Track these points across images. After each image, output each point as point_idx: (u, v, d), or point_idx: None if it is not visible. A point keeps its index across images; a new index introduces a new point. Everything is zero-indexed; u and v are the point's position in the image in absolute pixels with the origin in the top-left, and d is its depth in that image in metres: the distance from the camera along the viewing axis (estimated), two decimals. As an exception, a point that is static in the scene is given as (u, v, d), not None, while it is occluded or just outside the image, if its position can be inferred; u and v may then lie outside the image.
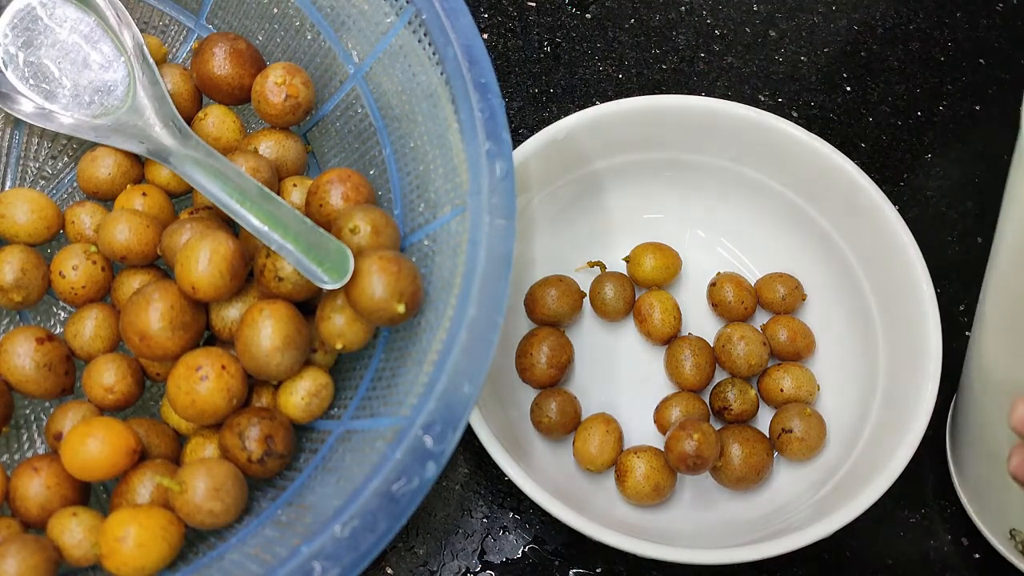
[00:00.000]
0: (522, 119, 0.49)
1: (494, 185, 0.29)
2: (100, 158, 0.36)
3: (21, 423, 0.34)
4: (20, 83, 0.37)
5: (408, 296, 0.29)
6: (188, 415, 0.30)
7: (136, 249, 0.33)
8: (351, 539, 0.25)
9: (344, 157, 0.38)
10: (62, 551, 0.29)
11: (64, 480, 0.30)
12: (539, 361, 0.38)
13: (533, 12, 0.52)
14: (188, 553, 0.30)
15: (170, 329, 0.30)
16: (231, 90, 0.37)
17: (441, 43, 0.32)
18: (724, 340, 0.39)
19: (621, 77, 0.50)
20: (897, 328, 0.37)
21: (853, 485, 0.34)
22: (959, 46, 0.51)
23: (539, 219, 0.41)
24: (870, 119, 0.49)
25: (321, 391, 0.32)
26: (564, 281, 0.40)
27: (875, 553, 0.39)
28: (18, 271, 0.33)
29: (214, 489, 0.29)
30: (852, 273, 0.40)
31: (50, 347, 0.32)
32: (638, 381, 0.40)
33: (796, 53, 0.51)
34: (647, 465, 0.36)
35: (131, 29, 0.38)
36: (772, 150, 0.40)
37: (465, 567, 0.38)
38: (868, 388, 0.38)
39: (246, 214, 0.31)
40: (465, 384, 0.27)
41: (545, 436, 0.39)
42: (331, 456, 0.31)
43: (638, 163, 0.42)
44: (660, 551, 0.32)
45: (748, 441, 0.37)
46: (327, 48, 0.37)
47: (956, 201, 0.47)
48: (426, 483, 0.26)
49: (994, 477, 0.35)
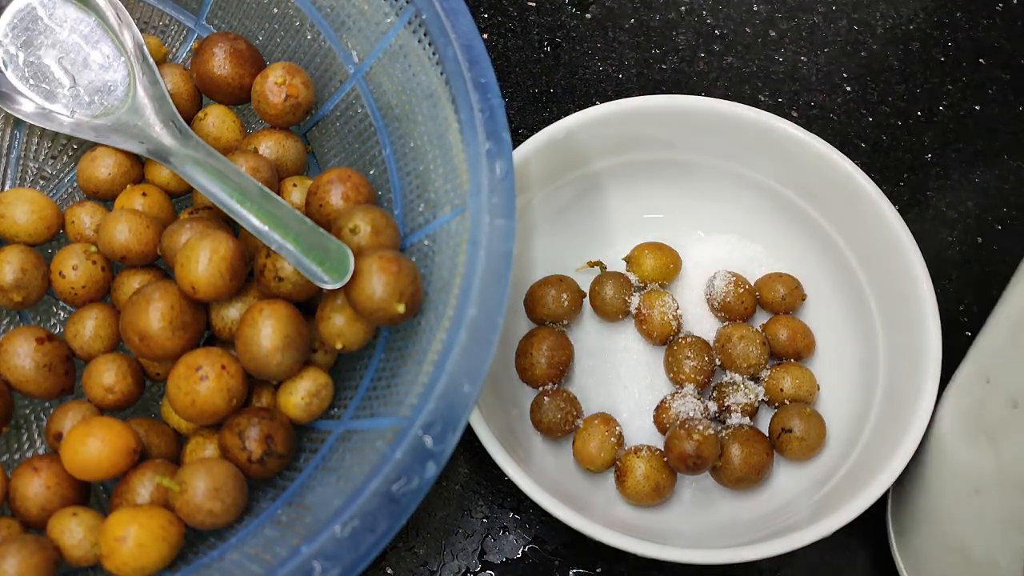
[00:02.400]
0: (522, 119, 0.49)
1: (494, 185, 0.29)
2: (100, 158, 0.36)
3: (21, 423, 0.34)
4: (20, 83, 0.37)
5: (408, 296, 0.29)
6: (188, 415, 0.30)
7: (136, 249, 0.33)
8: (351, 539, 0.25)
9: (344, 157, 0.38)
10: (62, 551, 0.29)
11: (64, 480, 0.30)
12: (539, 361, 0.38)
13: (533, 12, 0.52)
14: (188, 553, 0.30)
15: (170, 329, 0.30)
16: (231, 90, 0.37)
17: (441, 43, 0.32)
18: (724, 340, 0.39)
19: (621, 77, 0.50)
20: (897, 328, 0.37)
21: (853, 485, 0.34)
22: (959, 46, 0.51)
23: (539, 219, 0.41)
24: (870, 119, 0.49)
25: (321, 391, 0.32)
26: (564, 281, 0.40)
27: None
28: (18, 271, 0.33)
29: (214, 489, 0.29)
30: (852, 273, 0.40)
31: (50, 347, 0.32)
32: (638, 381, 0.40)
33: (796, 53, 0.51)
34: (647, 465, 0.36)
35: (131, 29, 0.38)
36: (772, 150, 0.40)
37: (465, 567, 0.38)
38: (868, 388, 0.38)
39: (246, 214, 0.31)
40: (465, 384, 0.27)
41: (545, 436, 0.39)
42: (331, 456, 0.31)
43: (638, 163, 0.42)
44: (660, 551, 0.32)
45: (748, 441, 0.37)
46: (327, 48, 0.37)
47: (956, 201, 0.47)
48: (426, 483, 0.26)
49: (943, 557, 0.34)
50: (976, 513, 0.31)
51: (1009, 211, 0.47)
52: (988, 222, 0.47)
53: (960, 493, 0.32)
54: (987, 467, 0.30)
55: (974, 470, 0.31)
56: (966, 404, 0.32)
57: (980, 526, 0.31)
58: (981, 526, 0.31)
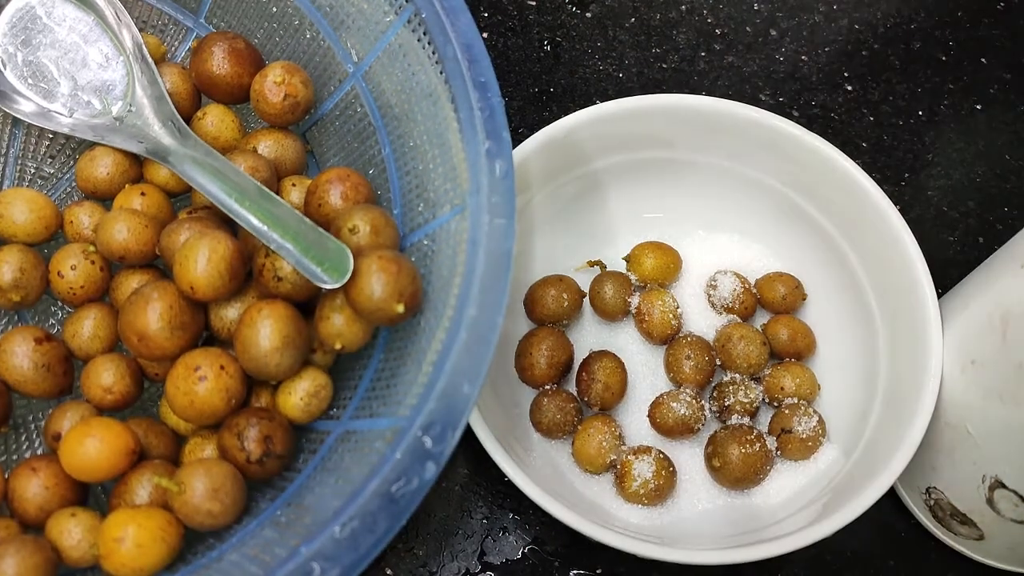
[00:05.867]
0: (522, 118, 0.48)
1: (494, 184, 0.29)
2: (98, 157, 0.36)
3: (19, 423, 0.34)
4: (19, 82, 0.37)
5: (408, 296, 0.29)
6: (187, 415, 0.30)
7: (135, 249, 0.33)
8: (350, 540, 0.25)
9: (343, 156, 0.38)
10: (61, 552, 0.29)
11: (63, 481, 0.30)
12: (539, 361, 0.38)
13: (533, 11, 0.52)
14: (187, 554, 0.30)
15: (169, 329, 0.30)
16: (230, 89, 0.37)
17: (441, 42, 0.32)
18: (724, 339, 0.39)
19: (621, 76, 0.50)
20: (898, 328, 0.37)
21: (853, 485, 0.34)
22: (961, 45, 0.51)
23: (539, 219, 0.41)
24: (871, 118, 0.49)
25: (320, 391, 0.32)
26: (564, 281, 0.40)
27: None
28: (16, 271, 0.33)
29: (213, 490, 0.29)
30: (853, 273, 0.39)
31: (48, 347, 0.32)
32: (638, 381, 0.40)
33: (797, 52, 0.51)
34: (647, 465, 0.36)
35: (130, 28, 0.38)
36: (773, 149, 0.40)
37: (465, 568, 0.38)
38: (868, 388, 0.38)
39: (245, 213, 0.31)
40: (465, 384, 0.27)
41: (545, 436, 0.39)
42: (330, 457, 0.31)
43: (638, 163, 0.42)
44: (660, 551, 0.32)
45: (748, 441, 0.36)
46: (326, 47, 0.37)
47: (957, 201, 0.47)
48: (425, 484, 0.26)
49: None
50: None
51: (1010, 211, 0.47)
52: (989, 222, 0.47)
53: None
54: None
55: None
56: None
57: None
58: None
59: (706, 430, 0.39)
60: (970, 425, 0.33)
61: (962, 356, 0.33)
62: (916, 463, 0.34)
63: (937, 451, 0.35)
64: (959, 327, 0.34)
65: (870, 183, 0.37)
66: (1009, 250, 0.33)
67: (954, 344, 0.34)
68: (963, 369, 0.33)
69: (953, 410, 0.34)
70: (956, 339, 0.34)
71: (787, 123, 0.39)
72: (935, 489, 0.36)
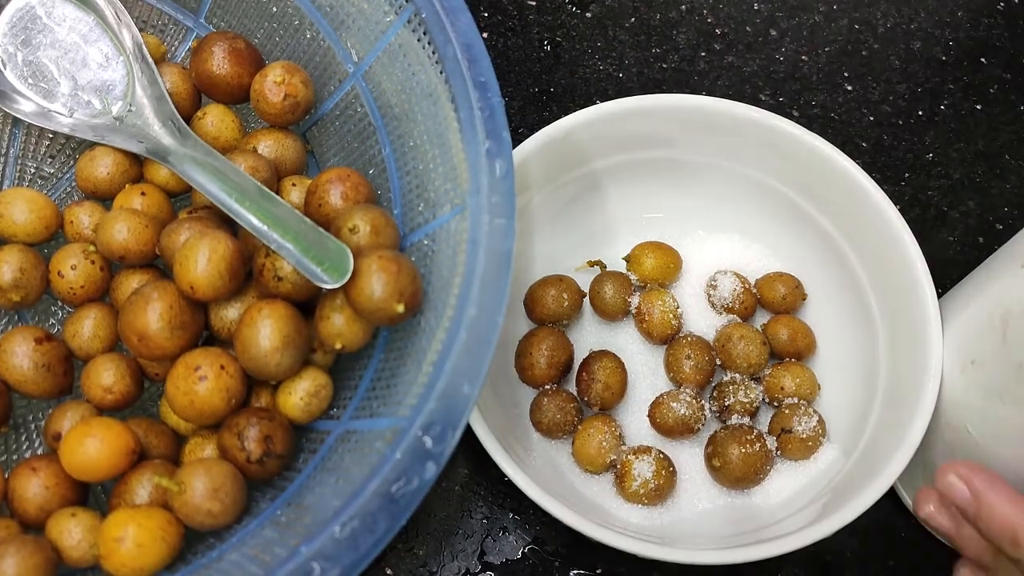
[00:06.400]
0: (522, 118, 0.48)
1: (494, 184, 0.29)
2: (99, 157, 0.36)
3: (20, 423, 0.34)
4: (19, 82, 0.37)
5: (408, 296, 0.29)
6: (187, 415, 0.30)
7: (135, 249, 0.33)
8: (350, 540, 0.25)
9: (343, 156, 0.38)
10: (61, 552, 0.29)
11: (63, 480, 0.30)
12: (539, 361, 0.38)
13: (533, 11, 0.52)
14: (187, 554, 0.30)
15: (169, 329, 0.30)
16: (230, 89, 0.37)
17: (441, 42, 0.32)
18: (724, 339, 0.39)
19: (621, 76, 0.50)
20: (898, 328, 0.37)
21: (853, 485, 0.34)
22: (960, 45, 0.51)
23: (539, 219, 0.41)
24: (871, 118, 0.49)
25: (320, 391, 0.32)
26: (564, 281, 0.40)
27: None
28: (17, 271, 0.33)
29: (213, 490, 0.29)
30: (853, 273, 0.39)
31: (49, 347, 0.32)
32: (638, 381, 0.40)
33: (797, 52, 0.51)
34: (647, 465, 0.36)
35: (130, 28, 0.38)
36: (773, 149, 0.40)
37: (465, 568, 0.38)
38: (868, 388, 0.38)
39: (245, 213, 0.31)
40: (465, 384, 0.27)
41: (545, 436, 0.39)
42: (330, 456, 0.31)
43: (638, 163, 0.42)
44: (660, 551, 0.32)
45: (748, 441, 0.36)
46: (326, 47, 0.37)
47: (957, 201, 0.47)
48: (425, 484, 0.26)
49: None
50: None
51: (1010, 211, 0.47)
52: (989, 222, 0.47)
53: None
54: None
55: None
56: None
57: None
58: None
59: (706, 430, 0.39)
60: (970, 425, 0.33)
61: (962, 356, 0.33)
62: (916, 463, 0.34)
63: (937, 451, 0.35)
64: (959, 327, 0.34)
65: (870, 183, 0.37)
66: (1009, 250, 0.33)
67: (954, 344, 0.34)
68: (963, 369, 0.33)
69: (953, 410, 0.34)
70: (956, 339, 0.34)
71: (787, 123, 0.39)
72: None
